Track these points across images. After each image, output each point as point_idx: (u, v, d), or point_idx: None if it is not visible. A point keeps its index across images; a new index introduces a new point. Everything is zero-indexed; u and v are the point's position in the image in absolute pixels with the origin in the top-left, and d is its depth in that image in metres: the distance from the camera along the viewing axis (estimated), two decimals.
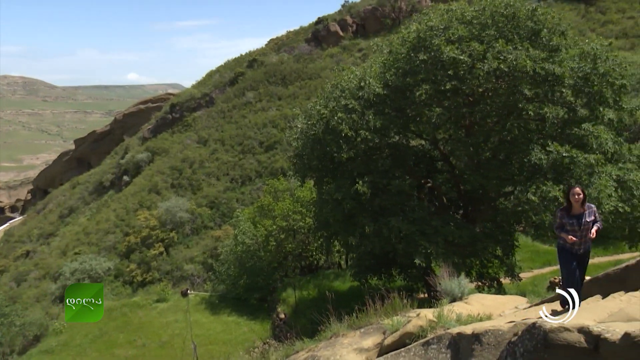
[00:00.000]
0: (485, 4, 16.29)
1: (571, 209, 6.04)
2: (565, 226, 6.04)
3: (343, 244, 21.20)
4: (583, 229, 5.95)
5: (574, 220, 5.98)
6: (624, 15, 51.89)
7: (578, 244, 6.04)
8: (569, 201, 6.02)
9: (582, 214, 5.99)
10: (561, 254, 6.24)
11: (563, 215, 6.09)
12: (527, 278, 22.17)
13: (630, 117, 16.84)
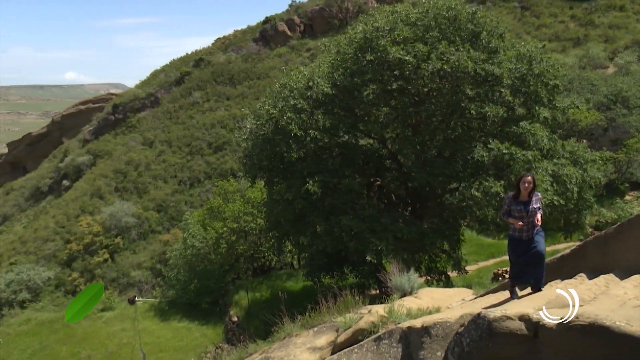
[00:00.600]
0: (428, 7, 16.78)
1: (519, 195, 6.22)
2: (512, 212, 6.20)
3: (295, 244, 21.19)
4: (530, 215, 6.11)
5: (521, 206, 6.15)
6: (555, 20, 55.02)
7: (525, 230, 6.19)
8: (518, 188, 6.20)
9: (529, 200, 6.17)
10: (510, 242, 6.47)
11: (511, 202, 6.26)
12: (472, 270, 23.07)
13: (562, 115, 17.90)
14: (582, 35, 51.05)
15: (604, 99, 32.66)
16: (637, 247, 5.55)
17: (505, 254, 26.03)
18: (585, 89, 34.16)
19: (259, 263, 30.09)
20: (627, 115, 31.17)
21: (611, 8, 54.31)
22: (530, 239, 6.23)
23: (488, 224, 17.28)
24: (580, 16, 54.34)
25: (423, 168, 16.71)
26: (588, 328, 3.80)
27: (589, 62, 44.44)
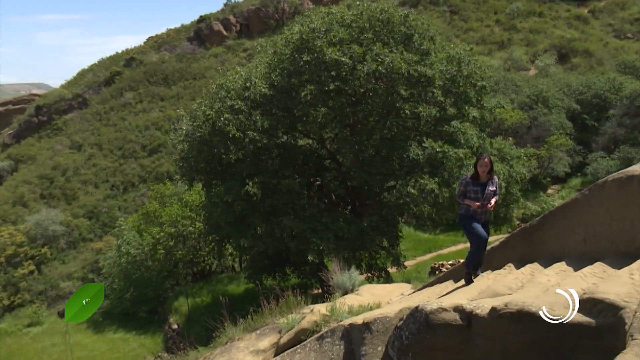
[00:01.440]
0: (363, 9, 17.13)
1: (477, 177, 6.15)
2: (469, 193, 6.12)
3: (235, 247, 20.87)
4: (486, 197, 6.07)
5: (478, 187, 6.09)
6: (482, 24, 57.99)
7: (480, 213, 6.16)
8: (476, 170, 6.14)
9: (486, 182, 6.13)
10: (464, 220, 6.34)
11: (468, 183, 6.16)
12: (411, 265, 23.80)
13: (490, 114, 18.92)
14: (506, 39, 54.18)
15: (527, 99, 34.84)
16: (558, 236, 5.96)
17: (441, 247, 27.26)
18: (510, 89, 36.30)
19: (199, 268, 29.36)
20: (548, 114, 33.44)
21: (531, 14, 58.05)
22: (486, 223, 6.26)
23: (424, 219, 17.92)
24: (504, 21, 57.62)
25: (361, 167, 17.03)
26: (516, 315, 4.03)
27: (513, 65, 47.27)
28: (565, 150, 31.47)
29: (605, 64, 45.92)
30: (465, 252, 22.63)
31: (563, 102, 35.10)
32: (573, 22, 56.24)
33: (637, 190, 4.72)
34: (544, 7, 58.96)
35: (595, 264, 4.88)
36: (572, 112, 34.93)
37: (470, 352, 4.40)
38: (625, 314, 3.38)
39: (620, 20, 54.93)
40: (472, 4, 61.80)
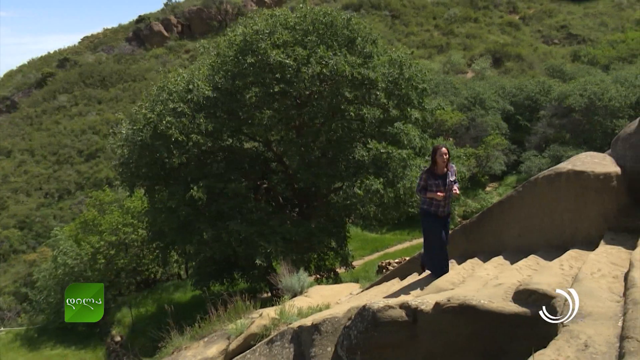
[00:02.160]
0: (306, 12, 17.21)
1: (436, 169, 5.90)
2: (430, 187, 5.86)
3: (181, 253, 20.34)
4: (447, 188, 5.85)
5: (439, 180, 5.84)
6: (422, 29, 59.92)
7: (443, 205, 5.93)
8: (434, 161, 5.88)
9: (446, 173, 5.91)
10: (426, 218, 6.08)
11: (428, 176, 5.89)
12: (359, 265, 24.14)
13: (431, 116, 19.54)
14: (444, 43, 56.27)
15: (465, 101, 36.32)
16: (495, 232, 6.25)
17: (388, 246, 27.82)
18: (449, 92, 37.71)
19: (143, 276, 28.32)
20: (485, 116, 35.01)
21: (467, 20, 60.64)
22: (446, 217, 6.04)
23: (371, 219, 18.22)
24: (442, 26, 59.83)
25: (308, 169, 17.09)
26: (458, 309, 4.17)
27: (452, 68, 49.16)
28: (501, 149, 33.07)
29: (536, 68, 48.73)
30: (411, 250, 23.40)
31: (498, 103, 36.88)
32: (506, 28, 59.28)
33: (564, 186, 5.03)
34: (479, 14, 61.77)
35: (530, 257, 5.15)
36: (506, 113, 36.78)
37: (416, 347, 4.51)
38: (557, 303, 3.59)
39: (548, 27, 58.51)
40: (412, 9, 63.74)
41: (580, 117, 32.17)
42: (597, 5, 60.96)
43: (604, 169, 4.83)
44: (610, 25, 56.45)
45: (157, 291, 26.64)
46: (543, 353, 2.69)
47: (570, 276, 3.99)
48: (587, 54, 49.75)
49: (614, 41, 50.98)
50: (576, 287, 3.38)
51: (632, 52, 46.74)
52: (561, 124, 33.31)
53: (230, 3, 62.75)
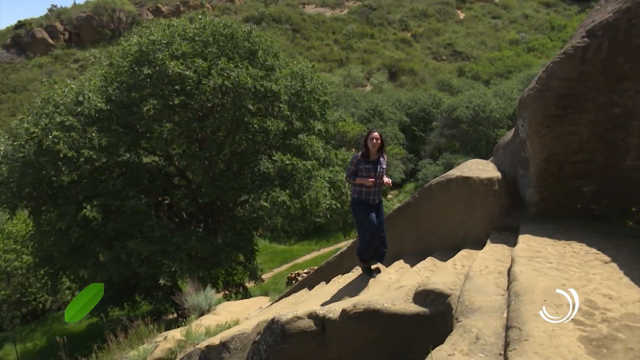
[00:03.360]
0: (206, 23, 16.92)
1: (368, 154, 5.68)
2: (360, 172, 5.64)
3: (74, 279, 18.66)
4: (378, 174, 5.64)
5: (370, 165, 5.63)
6: (322, 43, 61.67)
7: (373, 193, 5.69)
8: (367, 147, 5.67)
9: (377, 160, 5.70)
10: (357, 206, 5.80)
11: (359, 161, 5.66)
12: (268, 278, 23.98)
13: (334, 127, 20.10)
14: (344, 57, 58.40)
15: (365, 113, 37.94)
16: (396, 237, 6.56)
17: (297, 257, 27.98)
18: (350, 104, 39.15)
19: (30, 307, 25.55)
20: (384, 127, 36.81)
21: (365, 36, 63.58)
22: (377, 205, 5.77)
23: (278, 231, 18.20)
24: (342, 41, 62.09)
25: (213, 183, 16.68)
26: (364, 314, 4.29)
27: (351, 81, 51.12)
28: (400, 158, 34.96)
29: (427, 82, 52.36)
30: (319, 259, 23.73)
31: (395, 115, 39.02)
32: (399, 44, 63.08)
33: (455, 191, 5.43)
34: (374, 30, 65.09)
35: (427, 259, 5.47)
36: (403, 124, 39.02)
37: (326, 356, 4.56)
38: (452, 300, 3.84)
39: (436, 44, 63.25)
40: (312, 24, 65.42)
41: (467, 127, 35.08)
42: (477, 26, 67.21)
43: (487, 175, 5.29)
44: (488, 44, 62.46)
45: (47, 322, 24.23)
46: (440, 349, 2.85)
47: (462, 274, 4.29)
48: (470, 70, 54.54)
49: (493, 58, 56.49)
50: (467, 284, 3.64)
51: (507, 69, 52.07)
52: (451, 134, 36.05)
53: (123, 11, 59.70)
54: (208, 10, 47.13)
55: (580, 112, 4.42)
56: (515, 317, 2.73)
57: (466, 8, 72.20)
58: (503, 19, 68.51)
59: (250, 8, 69.19)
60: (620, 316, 2.65)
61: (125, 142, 16.34)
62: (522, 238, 4.21)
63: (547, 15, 67.94)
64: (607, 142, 4.41)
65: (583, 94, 4.39)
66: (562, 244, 4.03)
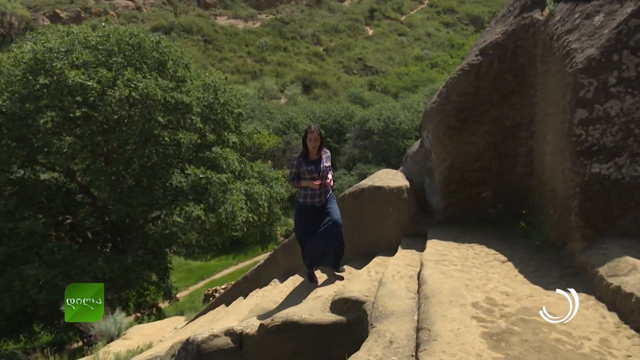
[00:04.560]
0: (110, 31, 16.07)
1: (308, 154, 5.23)
2: (303, 175, 5.19)
3: None
4: (322, 175, 5.19)
5: (312, 166, 5.18)
6: (235, 55, 61.13)
7: (318, 195, 5.22)
8: (306, 146, 5.22)
9: (319, 159, 5.24)
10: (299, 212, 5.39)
11: (300, 162, 5.21)
12: (184, 296, 23.02)
13: (249, 139, 19.92)
14: (258, 69, 58.35)
15: (280, 125, 38.09)
16: None
17: (214, 273, 27.20)
18: (265, 116, 39.10)
19: None
20: (299, 138, 37.17)
21: (278, 48, 64.07)
22: (324, 207, 5.27)
23: (194, 247, 17.62)
24: (255, 53, 62.00)
25: (120, 199, 15.76)
26: (282, 327, 4.27)
27: (266, 94, 51.16)
28: None
29: (340, 95, 53.81)
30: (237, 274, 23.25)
31: None
32: (312, 58, 64.33)
33: (367, 200, 5.61)
34: (287, 43, 65.85)
35: (344, 267, 5.57)
36: None
37: None
38: (367, 307, 3.94)
39: (348, 59, 65.35)
40: (224, 36, 64.70)
41: (379, 138, 36.52)
42: (385, 42, 70.50)
43: (397, 184, 5.54)
44: (396, 60, 65.74)
45: None
46: (356, 356, 2.91)
47: (376, 281, 4.43)
48: (380, 84, 56.99)
49: (400, 73, 59.52)
50: (381, 290, 3.76)
51: (414, 83, 55.11)
52: (364, 145, 37.29)
53: (15, 15, 54.95)
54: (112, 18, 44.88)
55: (477, 124, 4.79)
56: (425, 318, 2.86)
57: (374, 25, 75.49)
58: (408, 37, 72.53)
59: (158, 17, 66.90)
60: (516, 311, 2.88)
61: (19, 157, 14.97)
62: (429, 243, 4.44)
63: (447, 34, 73.04)
64: (501, 151, 4.81)
65: (478, 107, 4.75)
66: (466, 246, 4.31)
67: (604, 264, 3.11)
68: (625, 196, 3.47)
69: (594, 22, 3.65)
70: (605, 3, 3.68)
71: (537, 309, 2.87)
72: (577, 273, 3.41)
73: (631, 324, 2.61)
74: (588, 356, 2.39)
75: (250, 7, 76.67)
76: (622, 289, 2.76)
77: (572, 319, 2.75)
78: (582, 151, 3.50)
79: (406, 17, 79.45)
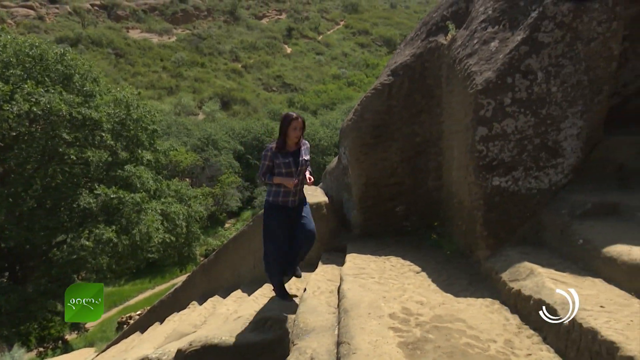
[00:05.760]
0: (7, 41, 14.84)
1: (285, 145, 4.36)
2: (278, 168, 4.34)
3: None
4: (300, 170, 4.37)
5: (289, 159, 4.32)
6: (150, 69, 59.00)
7: (294, 193, 4.39)
8: (284, 134, 4.34)
9: (297, 150, 4.40)
10: (270, 212, 4.44)
11: (275, 154, 4.34)
12: (94, 326, 21.44)
13: (165, 157, 19.21)
14: (174, 85, 56.72)
15: (198, 142, 37.18)
16: (233, 267, 6.48)
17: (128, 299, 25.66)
18: (182, 133, 37.98)
19: None
20: (218, 155, 36.51)
21: (195, 64, 62.81)
22: (298, 208, 4.46)
23: (105, 272, 16.52)
24: (170, 68, 60.26)
25: (20, 223, 14.43)
26: (201, 350, 4.11)
27: (183, 110, 49.79)
28: (235, 187, 34.94)
29: (260, 112, 53.79)
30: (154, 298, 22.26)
31: (230, 144, 39.07)
32: (231, 74, 63.83)
33: None
34: (205, 59, 64.82)
35: (264, 286, 5.50)
36: (237, 153, 39.25)
37: None
38: (289, 325, 3.92)
39: (267, 76, 65.64)
40: (137, 50, 62.31)
41: None
42: (303, 61, 71.81)
43: (316, 199, 5.60)
44: (314, 78, 67.13)
45: None
46: None
47: (299, 297, 4.42)
48: (299, 101, 57.79)
49: (318, 91, 60.81)
50: (302, 307, 3.76)
51: (332, 101, 56.54)
52: None
53: None
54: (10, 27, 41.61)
55: (390, 141, 5.00)
56: (345, 332, 2.90)
57: (292, 43, 76.68)
58: (326, 56, 74.48)
59: (64, 28, 62.91)
60: (430, 319, 3.01)
61: None
62: (349, 257, 4.53)
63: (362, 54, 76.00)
64: (414, 166, 5.05)
65: (391, 125, 4.97)
66: (383, 259, 4.45)
67: (506, 270, 3.35)
68: (522, 207, 3.79)
69: (490, 47, 3.99)
70: (499, 31, 4.04)
71: (449, 316, 3.02)
72: (484, 279, 3.65)
73: (530, 324, 2.83)
74: (494, 357, 2.55)
75: (165, 21, 74.69)
76: (522, 292, 2.99)
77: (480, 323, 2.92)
78: (483, 166, 3.78)
79: (323, 36, 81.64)
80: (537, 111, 3.73)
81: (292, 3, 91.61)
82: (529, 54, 3.72)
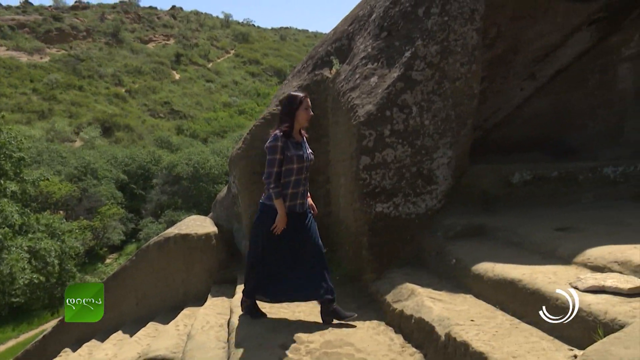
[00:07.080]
0: None
1: (292, 132, 3.37)
2: (289, 163, 3.31)
3: None
4: (307, 165, 3.45)
5: (301, 150, 3.39)
6: (17, 91, 53.45)
7: (301, 195, 3.44)
8: (293, 119, 3.37)
9: (303, 141, 3.48)
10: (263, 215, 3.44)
11: (286, 144, 3.31)
12: None
13: (34, 188, 17.35)
14: (47, 109, 51.89)
15: (75, 171, 34.16)
16: (113, 306, 5.96)
17: None
18: (55, 161, 34.62)
19: None
20: (98, 185, 33.81)
21: (71, 87, 58.25)
22: (305, 214, 3.50)
23: None
24: (42, 90, 55.16)
25: None
26: None
27: (57, 135, 45.62)
28: (118, 219, 32.50)
29: (145, 139, 51.16)
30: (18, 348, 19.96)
31: (112, 173, 36.47)
32: (113, 99, 60.14)
33: (173, 249, 5.36)
34: (84, 82, 60.48)
35: (149, 325, 5.15)
36: (120, 182, 36.73)
37: None
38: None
39: (153, 101, 62.98)
40: (3, 69, 56.32)
41: (189, 183, 35.57)
42: (193, 87, 70.28)
43: (205, 230, 5.44)
44: (204, 105, 65.89)
45: None
46: None
47: (185, 334, 4.19)
48: (189, 128, 56.15)
49: (209, 118, 59.72)
50: (189, 344, 3.57)
51: (223, 128, 55.79)
52: (173, 191, 35.84)
53: None
54: None
55: None
56: None
57: (181, 70, 74.75)
58: (216, 83, 73.67)
59: None
60: (320, 345, 3.03)
61: None
62: (239, 289, 4.43)
63: (253, 83, 76.52)
64: None
65: None
66: None
67: (390, 292, 3.52)
68: (403, 231, 4.04)
69: (370, 82, 4.26)
70: (378, 67, 4.35)
71: (339, 341, 3.08)
72: (371, 302, 3.79)
73: (413, 343, 2.99)
74: None
75: (36, 39, 68.61)
76: (404, 312, 3.15)
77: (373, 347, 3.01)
78: (367, 193, 3.97)
79: (213, 64, 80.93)
80: (413, 142, 4.04)
81: (180, 29, 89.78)
82: (404, 90, 4.05)
